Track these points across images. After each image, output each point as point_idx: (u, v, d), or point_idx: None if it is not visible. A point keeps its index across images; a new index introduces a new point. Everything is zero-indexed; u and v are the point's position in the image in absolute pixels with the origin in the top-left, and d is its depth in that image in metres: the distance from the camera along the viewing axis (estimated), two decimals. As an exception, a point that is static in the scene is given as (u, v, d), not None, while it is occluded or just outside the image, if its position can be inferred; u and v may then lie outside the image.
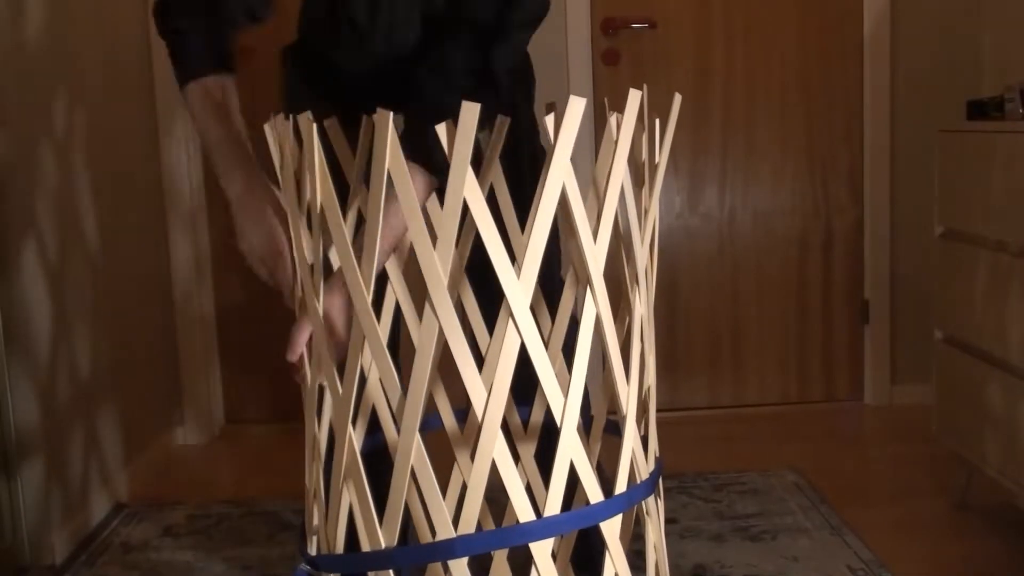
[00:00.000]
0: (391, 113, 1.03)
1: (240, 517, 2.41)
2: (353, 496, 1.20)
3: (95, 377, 2.42)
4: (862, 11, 3.05)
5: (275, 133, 1.29)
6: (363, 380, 1.36)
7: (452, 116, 1.05)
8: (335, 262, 1.37)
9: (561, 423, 1.15)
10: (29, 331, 2.11)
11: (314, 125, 1.14)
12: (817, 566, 2.04)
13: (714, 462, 2.69)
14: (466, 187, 1.06)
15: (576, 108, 1.08)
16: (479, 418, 1.10)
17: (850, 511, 2.32)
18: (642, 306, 1.30)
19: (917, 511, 2.32)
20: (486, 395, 1.10)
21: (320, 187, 1.15)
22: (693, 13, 3.05)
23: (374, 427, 1.42)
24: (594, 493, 1.19)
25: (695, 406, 3.18)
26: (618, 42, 3.03)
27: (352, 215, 1.40)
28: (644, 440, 1.33)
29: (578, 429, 1.17)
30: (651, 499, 1.35)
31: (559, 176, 1.10)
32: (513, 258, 1.39)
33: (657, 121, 1.38)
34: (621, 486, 1.24)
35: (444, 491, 1.36)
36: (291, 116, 1.23)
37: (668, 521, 2.27)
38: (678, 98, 1.36)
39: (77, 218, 2.37)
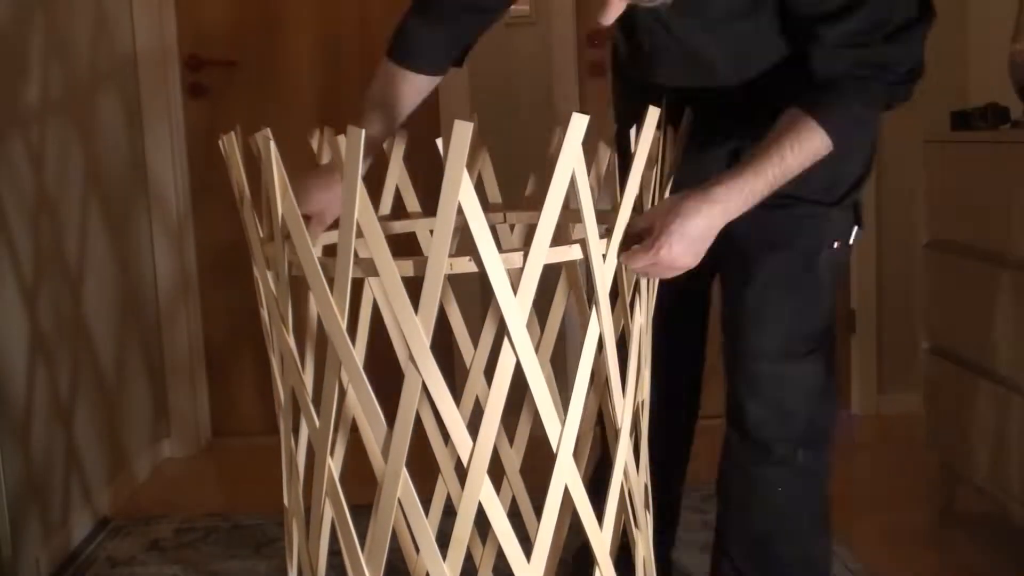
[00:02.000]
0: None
1: (227, 530, 2.39)
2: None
3: (77, 390, 2.39)
4: (846, 22, 3.06)
5: (228, 147, 1.28)
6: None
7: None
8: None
9: (558, 448, 1.14)
10: (4, 343, 2.07)
11: (271, 141, 1.15)
12: (806, 576, 2.04)
13: (702, 472, 2.68)
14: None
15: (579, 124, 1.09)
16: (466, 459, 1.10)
17: (837, 520, 2.31)
18: (641, 316, 1.29)
19: (904, 520, 2.33)
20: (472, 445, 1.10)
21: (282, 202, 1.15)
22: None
23: None
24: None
25: (682, 416, 3.17)
26: (605, 54, 3.03)
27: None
28: (636, 453, 1.33)
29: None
30: (641, 512, 1.35)
31: (560, 190, 1.10)
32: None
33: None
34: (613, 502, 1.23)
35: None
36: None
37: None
38: (689, 113, 1.37)
39: (54, 227, 2.32)
